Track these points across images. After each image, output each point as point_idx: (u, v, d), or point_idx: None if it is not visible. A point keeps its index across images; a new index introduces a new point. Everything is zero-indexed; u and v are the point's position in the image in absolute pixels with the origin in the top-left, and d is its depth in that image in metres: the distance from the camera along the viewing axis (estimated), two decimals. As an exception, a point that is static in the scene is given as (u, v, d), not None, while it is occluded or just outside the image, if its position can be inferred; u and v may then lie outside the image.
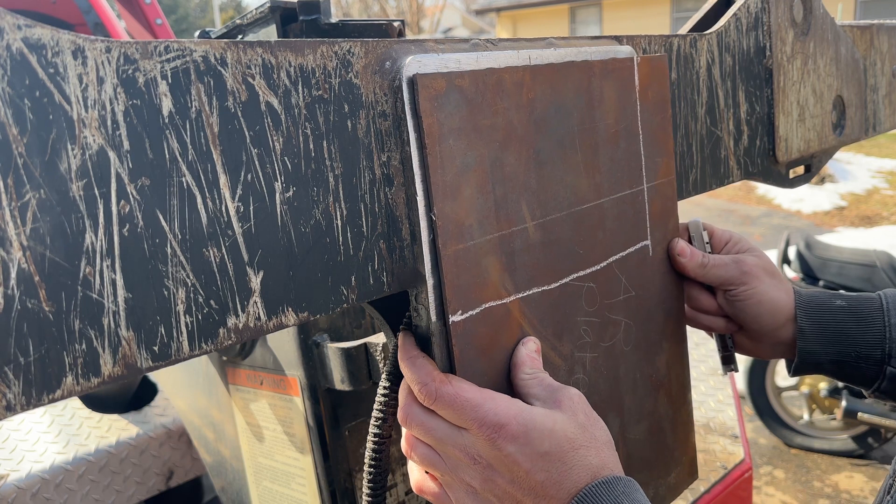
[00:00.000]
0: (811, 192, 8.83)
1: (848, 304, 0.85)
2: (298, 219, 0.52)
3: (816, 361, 0.85)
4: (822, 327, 0.84)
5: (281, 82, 0.50)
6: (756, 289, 0.84)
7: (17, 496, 1.35)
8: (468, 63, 0.61)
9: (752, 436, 3.75)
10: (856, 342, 0.83)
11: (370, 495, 0.68)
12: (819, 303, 0.86)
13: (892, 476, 0.70)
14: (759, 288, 0.84)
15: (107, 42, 0.42)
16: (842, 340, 0.84)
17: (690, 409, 0.88)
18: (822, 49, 1.16)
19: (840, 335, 0.84)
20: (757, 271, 0.85)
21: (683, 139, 0.92)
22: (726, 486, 1.50)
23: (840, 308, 0.85)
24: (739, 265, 0.85)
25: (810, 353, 0.85)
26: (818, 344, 0.84)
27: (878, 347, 0.83)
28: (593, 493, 0.55)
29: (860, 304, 0.85)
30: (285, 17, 0.93)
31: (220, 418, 1.21)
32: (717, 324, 0.90)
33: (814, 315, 0.85)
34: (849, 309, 0.85)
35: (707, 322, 0.90)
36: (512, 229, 0.63)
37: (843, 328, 0.84)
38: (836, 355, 0.84)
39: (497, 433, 0.56)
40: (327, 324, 1.00)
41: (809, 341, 0.84)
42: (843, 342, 0.84)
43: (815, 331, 0.84)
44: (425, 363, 0.59)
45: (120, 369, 0.43)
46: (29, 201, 0.39)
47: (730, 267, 0.85)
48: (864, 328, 0.83)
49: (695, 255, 0.84)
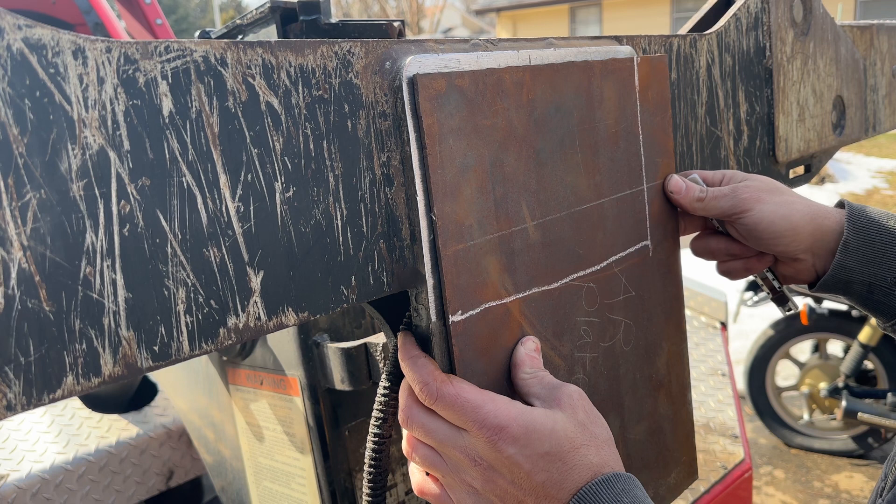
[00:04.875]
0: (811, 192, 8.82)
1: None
2: (298, 219, 0.52)
3: (848, 280, 0.81)
4: (867, 245, 0.80)
5: (281, 82, 0.50)
6: (762, 211, 0.81)
7: (17, 496, 1.35)
8: (468, 63, 0.61)
9: (752, 436, 3.75)
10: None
11: (370, 495, 0.68)
12: (871, 219, 0.81)
13: (884, 479, 0.70)
14: (765, 209, 0.81)
15: (107, 42, 0.42)
16: (883, 263, 0.80)
17: (690, 409, 0.88)
18: (822, 49, 1.16)
19: (884, 257, 0.80)
20: (758, 194, 0.82)
21: (683, 139, 0.92)
22: (726, 486, 1.50)
23: (890, 230, 0.80)
24: (738, 192, 0.82)
25: (846, 268, 0.80)
26: (858, 261, 0.80)
27: None
28: (593, 491, 0.55)
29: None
30: (285, 18, 0.93)
31: (221, 418, 1.21)
32: (751, 264, 0.88)
33: (862, 230, 0.80)
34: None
35: (742, 267, 0.88)
36: (512, 229, 0.64)
37: (889, 251, 0.80)
38: (871, 277, 0.80)
39: (497, 435, 0.56)
40: (327, 324, 1.00)
41: (850, 256, 0.80)
42: (884, 265, 0.80)
43: (860, 246, 0.80)
44: (426, 363, 0.59)
45: (120, 369, 0.43)
46: (29, 201, 0.39)
47: (728, 196, 0.82)
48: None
49: (690, 189, 0.82)
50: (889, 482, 0.68)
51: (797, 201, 0.82)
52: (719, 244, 0.88)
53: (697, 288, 2.20)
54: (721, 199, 0.82)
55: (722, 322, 2.16)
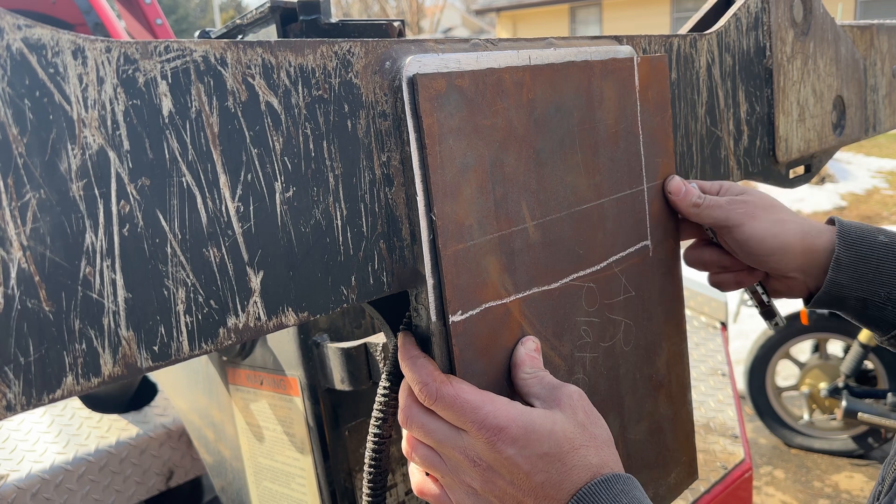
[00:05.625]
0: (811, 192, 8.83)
1: (891, 242, 0.80)
2: (298, 219, 0.52)
3: (842, 296, 0.81)
4: (859, 260, 0.80)
5: (281, 82, 0.50)
6: (754, 227, 0.81)
7: (17, 496, 1.35)
8: (468, 63, 0.61)
9: (752, 436, 3.75)
10: (890, 283, 0.79)
11: (370, 495, 0.68)
12: (862, 235, 0.81)
13: (881, 483, 0.70)
14: (757, 226, 0.81)
15: (107, 42, 0.42)
16: (876, 278, 0.80)
17: (690, 409, 0.88)
18: (822, 49, 1.16)
19: (876, 272, 0.80)
20: (752, 210, 0.82)
21: (683, 139, 0.92)
22: (726, 486, 1.50)
23: (882, 245, 0.80)
24: (733, 205, 0.82)
25: (839, 285, 0.80)
26: (851, 277, 0.80)
27: None
28: (592, 491, 0.55)
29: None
30: (285, 17, 0.93)
31: (221, 418, 1.21)
32: (742, 277, 0.88)
33: (854, 246, 0.80)
34: (892, 247, 0.80)
35: (732, 280, 0.88)
36: (512, 229, 0.63)
37: (882, 266, 0.79)
38: (864, 293, 0.80)
39: (496, 436, 0.56)
40: (327, 324, 1.00)
41: (843, 273, 0.80)
42: (876, 280, 0.80)
43: (852, 263, 0.80)
44: (426, 363, 0.59)
45: (120, 369, 0.43)
46: (29, 201, 0.39)
47: (723, 208, 0.82)
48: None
49: (689, 193, 0.81)
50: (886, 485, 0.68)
51: (790, 220, 0.83)
52: (712, 255, 0.88)
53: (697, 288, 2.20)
54: (716, 209, 0.82)
55: (722, 322, 2.16)
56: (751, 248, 0.82)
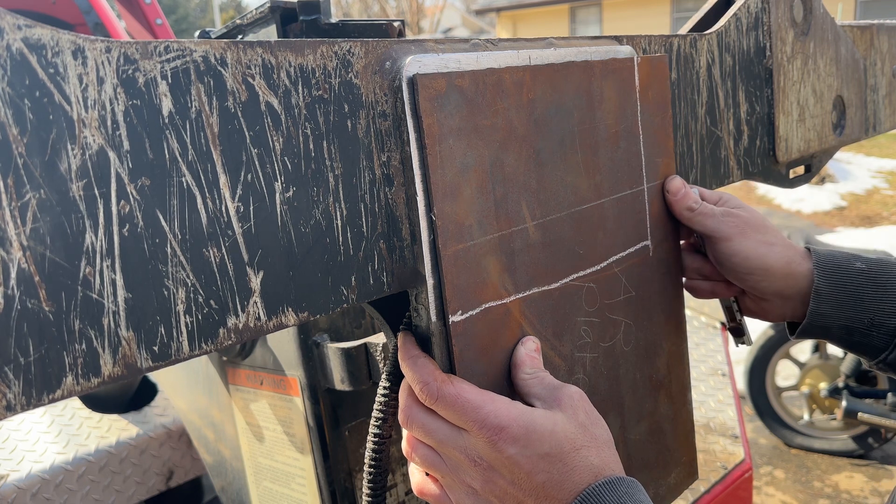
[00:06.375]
0: (811, 192, 8.83)
1: (868, 268, 0.80)
2: (298, 219, 0.52)
3: (825, 325, 0.82)
4: (839, 290, 0.80)
5: (281, 82, 0.50)
6: (741, 244, 0.81)
7: (17, 496, 1.35)
8: (468, 63, 0.61)
9: (752, 436, 3.75)
10: (871, 309, 0.79)
11: (370, 495, 0.68)
12: (838, 263, 0.81)
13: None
14: (744, 243, 0.81)
15: (107, 42, 0.42)
16: (856, 306, 0.80)
17: (690, 409, 0.88)
18: (822, 49, 1.16)
19: (856, 300, 0.80)
20: (743, 227, 0.82)
21: (683, 139, 0.92)
22: (726, 486, 1.50)
23: (859, 272, 0.80)
24: (727, 217, 0.82)
25: (822, 315, 0.81)
26: (832, 307, 0.80)
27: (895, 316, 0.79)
28: (596, 492, 0.55)
29: (880, 269, 0.81)
30: (285, 17, 0.93)
31: (221, 418, 1.21)
32: (719, 288, 0.88)
33: (832, 276, 0.80)
34: (868, 273, 0.80)
35: (708, 288, 0.89)
36: (512, 229, 0.63)
37: (861, 293, 0.80)
38: (847, 320, 0.80)
39: (497, 435, 0.55)
40: (327, 324, 1.00)
41: (824, 303, 0.80)
42: (858, 308, 0.80)
43: (832, 293, 0.80)
44: (427, 363, 0.59)
45: (120, 369, 0.43)
46: (29, 201, 0.39)
47: (716, 218, 0.82)
48: (881, 294, 0.79)
49: (687, 196, 0.82)
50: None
51: (778, 244, 0.83)
52: (694, 262, 0.89)
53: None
54: (708, 218, 0.82)
55: (722, 322, 2.16)
56: (733, 264, 0.83)
